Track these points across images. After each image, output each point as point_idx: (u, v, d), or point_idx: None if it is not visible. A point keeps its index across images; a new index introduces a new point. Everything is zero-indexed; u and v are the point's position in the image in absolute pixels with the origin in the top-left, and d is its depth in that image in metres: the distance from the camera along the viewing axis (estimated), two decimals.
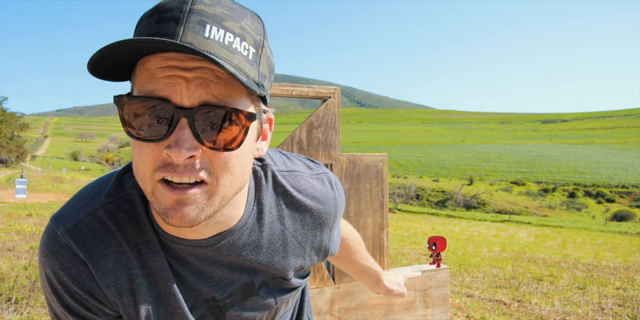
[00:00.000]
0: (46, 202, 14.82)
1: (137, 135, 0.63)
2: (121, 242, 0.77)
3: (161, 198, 0.65)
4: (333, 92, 2.04)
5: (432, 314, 2.30)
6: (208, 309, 0.85)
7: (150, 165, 0.64)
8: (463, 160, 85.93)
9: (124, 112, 0.64)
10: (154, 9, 0.64)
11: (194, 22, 0.61)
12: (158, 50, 0.60)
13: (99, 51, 0.57)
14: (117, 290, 0.77)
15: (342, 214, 1.01)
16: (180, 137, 0.61)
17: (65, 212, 0.78)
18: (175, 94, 0.61)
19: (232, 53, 0.62)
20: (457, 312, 3.85)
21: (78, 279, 0.76)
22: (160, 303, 0.80)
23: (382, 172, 2.16)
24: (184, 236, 0.76)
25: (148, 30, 0.62)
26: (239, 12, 0.65)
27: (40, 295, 3.81)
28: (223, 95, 0.62)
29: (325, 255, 0.98)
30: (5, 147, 65.45)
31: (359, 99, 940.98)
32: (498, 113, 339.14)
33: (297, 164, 0.93)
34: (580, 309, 4.09)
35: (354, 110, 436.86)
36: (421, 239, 10.00)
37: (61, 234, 0.75)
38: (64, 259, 0.75)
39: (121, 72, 0.65)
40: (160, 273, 0.79)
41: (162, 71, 0.61)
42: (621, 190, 62.09)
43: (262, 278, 0.87)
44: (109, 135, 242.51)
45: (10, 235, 7.10)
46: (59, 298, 0.78)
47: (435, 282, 2.30)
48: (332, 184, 0.95)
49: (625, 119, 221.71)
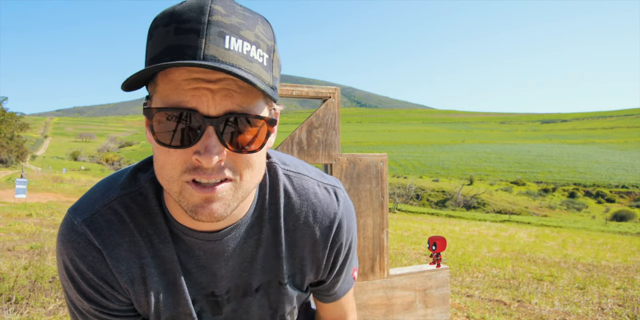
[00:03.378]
0: (46, 202, 14.82)
1: (167, 142, 0.67)
2: (134, 232, 0.82)
3: (190, 197, 0.69)
4: (333, 92, 2.04)
5: (432, 314, 2.29)
6: (207, 303, 0.89)
7: (179, 167, 0.68)
8: (463, 160, 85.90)
9: (153, 122, 0.68)
10: (169, 17, 0.66)
11: (214, 34, 0.64)
12: (183, 65, 0.63)
13: (137, 74, 0.63)
14: (130, 277, 0.82)
15: (348, 240, 0.96)
16: (209, 144, 0.65)
17: (82, 203, 0.84)
18: (202, 104, 0.65)
19: (251, 62, 0.66)
20: (457, 312, 3.85)
21: (93, 266, 0.80)
22: (168, 293, 0.85)
23: (382, 172, 2.16)
24: (196, 227, 0.81)
25: (168, 41, 0.65)
26: (252, 20, 0.69)
27: (40, 295, 3.81)
28: (245, 103, 0.67)
29: (316, 274, 0.96)
30: (5, 147, 65.43)
31: (359, 99, 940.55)
32: (498, 113, 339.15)
33: (309, 171, 0.95)
34: (580, 309, 4.09)
35: (354, 110, 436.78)
36: (421, 239, 10.00)
37: (78, 224, 0.81)
38: (80, 247, 0.80)
39: (140, 81, 0.70)
40: (169, 263, 0.83)
41: (187, 83, 0.64)
42: (621, 190, 62.06)
43: (260, 281, 0.90)
44: (108, 135, 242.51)
45: (10, 235, 7.10)
46: (75, 284, 0.82)
47: (435, 282, 2.30)
48: (339, 198, 0.94)
49: (625, 119, 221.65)
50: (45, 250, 5.62)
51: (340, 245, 0.95)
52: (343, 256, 0.98)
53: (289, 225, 0.89)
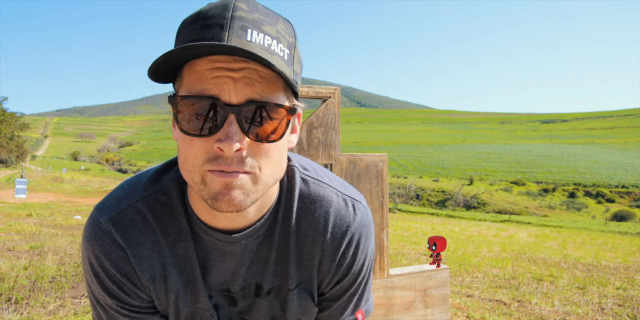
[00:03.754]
0: (46, 202, 14.82)
1: (190, 131, 0.69)
2: (157, 232, 0.84)
3: (211, 183, 0.70)
4: (333, 92, 2.04)
5: (432, 314, 2.29)
6: (222, 298, 0.91)
7: (201, 157, 0.69)
8: (463, 160, 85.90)
9: (177, 110, 0.70)
10: (195, 16, 0.70)
11: (237, 28, 0.67)
12: (206, 54, 0.66)
13: (163, 55, 0.64)
14: (151, 275, 0.85)
15: (359, 262, 0.92)
16: (230, 131, 0.67)
17: (108, 201, 0.87)
18: (223, 92, 0.67)
19: (272, 54, 0.68)
20: (457, 312, 3.85)
21: (117, 263, 0.83)
22: (187, 289, 0.87)
23: (382, 172, 2.16)
24: (216, 225, 0.83)
25: (193, 36, 0.68)
26: (273, 17, 0.72)
27: (40, 295, 3.81)
28: (265, 93, 0.69)
29: (318, 288, 0.93)
30: (5, 147, 65.42)
31: (359, 99, 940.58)
32: (498, 113, 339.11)
33: (332, 179, 0.94)
34: (580, 309, 4.09)
35: (354, 110, 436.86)
36: (421, 239, 10.00)
37: (104, 222, 0.83)
38: (105, 245, 0.83)
39: (168, 75, 0.72)
40: (189, 261, 0.86)
41: (210, 72, 0.67)
42: (621, 190, 62.06)
43: (271, 284, 0.91)
44: (108, 135, 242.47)
45: (10, 235, 7.10)
46: (98, 280, 0.85)
47: (435, 282, 2.30)
48: (356, 212, 0.91)
49: (625, 119, 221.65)
50: (45, 250, 5.62)
51: (350, 265, 0.91)
52: (350, 280, 0.94)
53: (300, 231, 0.88)
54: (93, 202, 16.33)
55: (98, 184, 30.85)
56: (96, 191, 23.52)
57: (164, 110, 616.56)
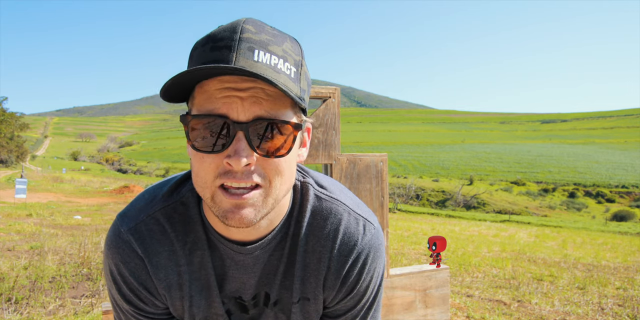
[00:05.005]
0: (46, 202, 14.81)
1: (201, 148, 0.73)
2: (174, 242, 0.88)
3: (220, 203, 0.74)
4: (333, 92, 2.04)
5: (432, 314, 2.29)
6: (234, 304, 0.94)
7: (211, 173, 0.73)
8: (463, 160, 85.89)
9: (189, 128, 0.73)
10: (206, 38, 0.74)
11: (244, 49, 0.70)
12: (215, 75, 0.70)
13: (173, 78, 0.68)
14: (167, 284, 0.89)
15: (365, 283, 0.92)
16: (238, 148, 0.70)
17: (130, 211, 0.91)
18: (232, 111, 0.70)
19: (278, 73, 0.71)
20: (457, 312, 3.85)
21: (135, 271, 0.87)
22: (202, 296, 0.91)
23: (382, 172, 2.16)
24: (230, 235, 0.86)
25: (204, 58, 0.72)
26: (280, 37, 0.75)
27: (40, 295, 3.81)
28: (273, 110, 0.72)
29: (323, 302, 0.94)
30: (5, 147, 65.41)
31: (359, 99, 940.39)
32: (498, 113, 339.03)
33: (347, 198, 0.95)
34: (580, 309, 4.09)
35: (354, 110, 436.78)
36: (421, 239, 10.00)
37: (124, 232, 0.88)
38: (125, 254, 0.87)
39: (180, 95, 0.76)
40: (204, 269, 0.89)
41: (219, 92, 0.70)
42: (621, 190, 62.05)
43: (278, 295, 0.93)
44: (108, 135, 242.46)
45: (10, 235, 7.10)
46: (117, 286, 0.90)
47: (435, 282, 2.30)
48: (366, 232, 0.92)
49: (625, 119, 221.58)
50: (45, 250, 5.62)
51: (354, 284, 0.91)
52: (353, 300, 0.93)
53: (307, 246, 0.90)
54: (93, 202, 16.33)
55: (98, 184, 30.84)
56: (96, 191, 23.51)
57: (164, 110, 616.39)
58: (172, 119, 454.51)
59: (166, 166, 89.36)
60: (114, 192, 22.35)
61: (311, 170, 0.99)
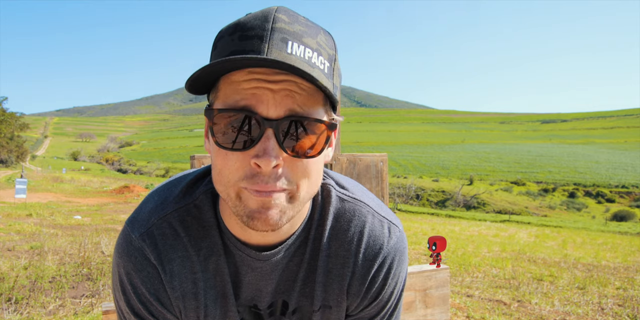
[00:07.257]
0: (46, 202, 14.82)
1: (225, 144, 0.67)
2: (187, 247, 0.82)
3: (247, 201, 0.68)
4: None
5: (432, 314, 2.29)
6: (249, 313, 0.89)
7: (236, 172, 0.67)
8: (463, 160, 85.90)
9: (213, 124, 0.68)
10: (234, 27, 0.68)
11: (277, 39, 0.64)
12: (245, 66, 0.63)
13: (202, 69, 0.62)
14: (182, 293, 0.82)
15: (390, 288, 0.89)
16: (267, 147, 0.64)
17: (139, 215, 0.84)
18: (261, 104, 0.65)
19: (312, 67, 0.65)
20: (457, 312, 3.85)
21: (147, 280, 0.81)
22: (217, 305, 0.85)
23: (382, 172, 2.16)
24: (248, 240, 0.81)
25: (232, 47, 0.66)
26: (314, 29, 0.70)
27: (40, 295, 3.81)
28: (306, 106, 0.66)
29: (346, 310, 0.90)
30: (5, 147, 65.42)
31: (359, 99, 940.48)
32: (498, 113, 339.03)
33: (369, 200, 0.91)
34: (580, 309, 4.09)
35: (354, 110, 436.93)
36: (421, 239, 10.00)
37: (136, 238, 0.81)
38: (137, 262, 0.81)
39: (204, 87, 0.71)
40: (220, 276, 0.84)
41: (248, 83, 0.65)
42: (621, 190, 62.05)
43: (297, 303, 0.88)
44: (108, 135, 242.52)
45: (10, 235, 7.10)
46: (125, 297, 0.83)
47: (435, 282, 2.30)
48: (392, 235, 0.87)
49: (625, 119, 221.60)
50: (45, 250, 5.62)
51: (379, 290, 0.88)
52: (377, 307, 0.90)
53: (330, 250, 0.85)
54: (93, 202, 16.33)
55: (98, 184, 30.84)
56: (96, 191, 23.52)
57: (164, 110, 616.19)
58: (172, 119, 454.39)
59: (166, 166, 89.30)
60: (114, 192, 22.37)
61: (330, 171, 0.94)
